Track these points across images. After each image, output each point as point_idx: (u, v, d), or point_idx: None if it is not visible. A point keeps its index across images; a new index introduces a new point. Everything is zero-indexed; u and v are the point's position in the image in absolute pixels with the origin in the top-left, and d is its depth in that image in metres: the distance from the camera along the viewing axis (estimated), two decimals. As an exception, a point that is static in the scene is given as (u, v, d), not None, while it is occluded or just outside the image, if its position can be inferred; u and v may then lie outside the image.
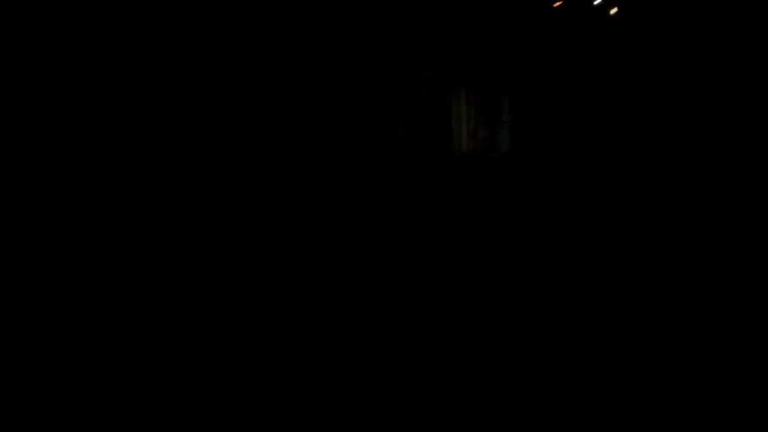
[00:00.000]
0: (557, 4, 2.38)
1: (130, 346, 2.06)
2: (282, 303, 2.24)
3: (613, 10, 2.33)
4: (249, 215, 2.40)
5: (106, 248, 2.27)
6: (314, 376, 1.97)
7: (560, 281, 2.30)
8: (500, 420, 1.77)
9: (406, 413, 1.81)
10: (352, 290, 2.28)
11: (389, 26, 2.49)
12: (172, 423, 1.81)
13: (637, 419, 1.74)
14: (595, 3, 2.46)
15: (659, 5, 2.48)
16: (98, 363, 2.00)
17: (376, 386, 1.91)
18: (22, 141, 2.24)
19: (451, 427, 1.76)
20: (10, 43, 2.18)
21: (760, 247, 2.31)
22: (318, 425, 1.78)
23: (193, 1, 2.38)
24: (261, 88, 2.47)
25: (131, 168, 2.35)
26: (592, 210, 2.45)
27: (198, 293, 2.23)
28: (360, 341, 2.11)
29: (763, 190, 2.36)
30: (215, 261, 2.31)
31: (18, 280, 2.15)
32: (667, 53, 2.50)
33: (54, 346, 2.04)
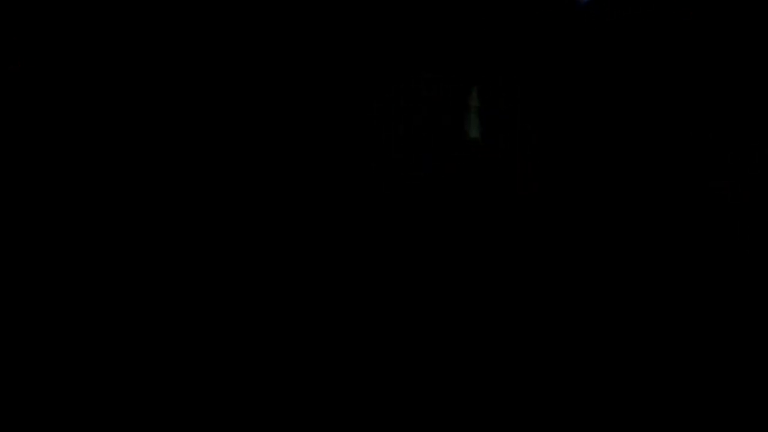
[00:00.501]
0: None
1: (130, 347, 2.06)
2: (281, 304, 2.24)
3: None
4: (247, 215, 2.40)
5: (106, 248, 2.27)
6: (313, 376, 1.97)
7: (560, 282, 2.32)
8: (500, 420, 1.78)
9: (406, 414, 1.82)
10: (351, 291, 2.29)
11: (389, 26, 2.49)
12: (172, 423, 1.81)
13: (636, 420, 1.76)
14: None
15: (655, 5, 2.49)
16: (97, 363, 2.00)
17: (376, 387, 1.92)
18: (22, 141, 2.23)
19: (450, 427, 1.77)
20: (10, 43, 2.16)
21: (756, 248, 2.33)
22: (317, 425, 1.79)
23: (192, 1, 2.37)
24: (259, 88, 2.47)
25: (131, 168, 2.34)
26: (590, 211, 2.46)
27: (196, 294, 2.23)
28: (359, 342, 2.12)
29: (760, 190, 2.38)
30: (213, 262, 2.31)
31: (17, 281, 2.15)
32: (663, 51, 2.51)
33: (54, 345, 2.04)
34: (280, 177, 2.44)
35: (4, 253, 2.18)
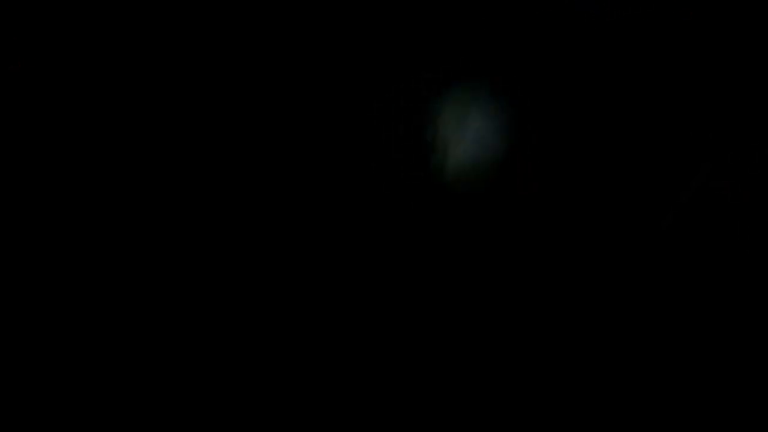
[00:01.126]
0: None
1: (129, 347, 2.06)
2: (280, 305, 2.24)
3: None
4: (246, 216, 2.40)
5: (106, 249, 2.27)
6: (313, 376, 1.97)
7: (560, 283, 2.32)
8: (500, 420, 1.78)
9: (406, 414, 1.82)
10: (351, 292, 2.29)
11: (389, 26, 2.49)
12: (171, 423, 1.81)
13: (635, 420, 1.76)
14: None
15: (654, 4, 2.49)
16: (97, 363, 2.00)
17: (375, 388, 1.92)
18: (21, 141, 2.24)
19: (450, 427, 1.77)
20: (10, 43, 2.16)
21: (757, 249, 2.33)
22: (317, 425, 1.79)
23: (192, 1, 2.37)
24: (258, 88, 2.47)
25: (131, 168, 2.34)
26: (590, 210, 2.46)
27: (195, 294, 2.24)
28: (358, 343, 2.12)
29: (760, 190, 2.38)
30: (212, 262, 2.31)
31: (17, 281, 2.15)
32: (662, 51, 2.51)
33: (53, 345, 2.04)
34: (279, 178, 2.45)
35: (3, 253, 2.18)
